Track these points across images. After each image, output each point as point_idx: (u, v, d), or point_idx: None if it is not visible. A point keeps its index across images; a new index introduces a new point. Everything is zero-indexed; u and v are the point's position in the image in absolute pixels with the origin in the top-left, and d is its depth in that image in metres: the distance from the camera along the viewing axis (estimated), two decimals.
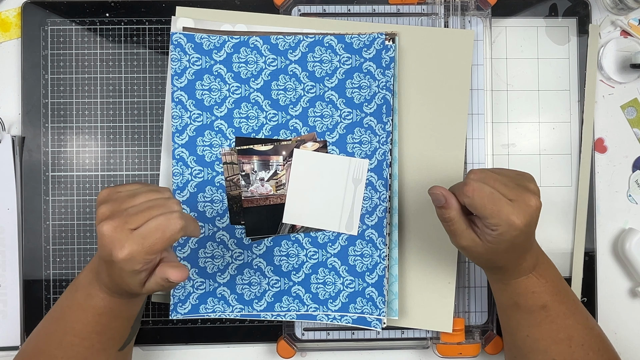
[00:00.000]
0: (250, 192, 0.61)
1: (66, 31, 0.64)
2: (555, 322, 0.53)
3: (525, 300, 0.54)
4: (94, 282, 0.51)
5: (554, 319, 0.53)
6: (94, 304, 0.51)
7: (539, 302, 0.53)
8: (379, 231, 0.60)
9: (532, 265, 0.53)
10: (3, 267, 0.62)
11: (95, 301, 0.50)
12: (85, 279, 0.52)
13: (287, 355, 0.62)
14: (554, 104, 0.66)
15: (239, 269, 0.61)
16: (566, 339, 0.53)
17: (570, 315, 0.54)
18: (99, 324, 0.51)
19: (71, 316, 0.51)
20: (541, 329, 0.53)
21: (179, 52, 0.61)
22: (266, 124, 0.61)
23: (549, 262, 0.55)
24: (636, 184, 0.66)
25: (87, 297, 0.51)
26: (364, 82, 0.61)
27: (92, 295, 0.51)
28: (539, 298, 0.53)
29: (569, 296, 0.55)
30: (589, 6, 0.66)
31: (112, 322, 0.52)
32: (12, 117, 0.64)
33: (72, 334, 0.51)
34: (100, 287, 0.50)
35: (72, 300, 0.52)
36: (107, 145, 0.64)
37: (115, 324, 0.52)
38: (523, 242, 0.50)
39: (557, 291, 0.54)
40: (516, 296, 0.54)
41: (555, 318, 0.53)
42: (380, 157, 0.61)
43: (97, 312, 0.51)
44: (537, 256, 0.54)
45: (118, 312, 0.52)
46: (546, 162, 0.65)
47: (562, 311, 0.53)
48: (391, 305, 0.61)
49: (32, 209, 0.63)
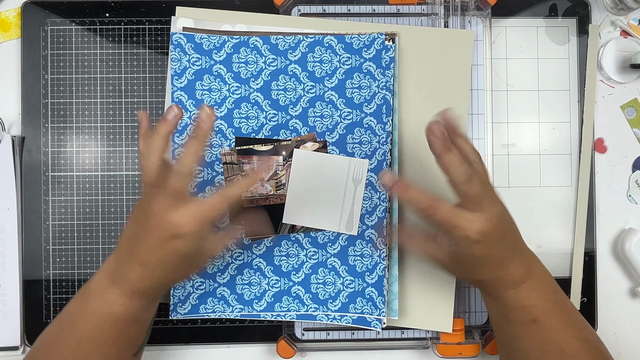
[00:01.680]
0: (250, 192, 0.61)
1: (66, 31, 0.64)
2: (547, 336, 0.51)
3: (515, 314, 0.52)
4: (110, 288, 0.50)
5: (545, 333, 0.51)
6: (110, 310, 0.49)
7: (529, 316, 0.51)
8: (379, 232, 0.60)
9: (519, 278, 0.51)
10: (3, 267, 0.62)
11: (113, 307, 0.49)
12: (99, 285, 0.50)
13: (287, 355, 0.62)
14: (554, 104, 0.66)
15: (239, 269, 0.61)
16: (558, 353, 0.51)
17: (563, 329, 0.51)
18: (116, 330, 0.50)
19: (86, 324, 0.50)
20: (532, 342, 0.52)
21: (179, 52, 0.61)
22: (266, 124, 0.61)
23: (544, 274, 0.53)
24: (636, 184, 0.66)
25: (103, 304, 0.49)
26: (363, 82, 0.61)
27: (108, 302, 0.49)
28: (530, 312, 0.51)
29: (563, 309, 0.53)
30: (588, 6, 0.66)
31: (129, 328, 0.51)
32: (12, 117, 0.64)
33: (87, 341, 0.50)
34: (119, 292, 0.49)
35: (85, 308, 0.50)
36: (107, 145, 0.64)
37: (132, 329, 0.51)
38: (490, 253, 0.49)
39: (550, 305, 0.52)
40: (505, 310, 0.52)
41: (547, 332, 0.51)
42: (380, 157, 0.61)
43: (114, 318, 0.50)
44: (528, 268, 0.52)
45: (136, 317, 0.51)
46: (546, 162, 0.65)
47: (554, 325, 0.51)
48: (391, 306, 0.61)
49: (32, 209, 0.63)
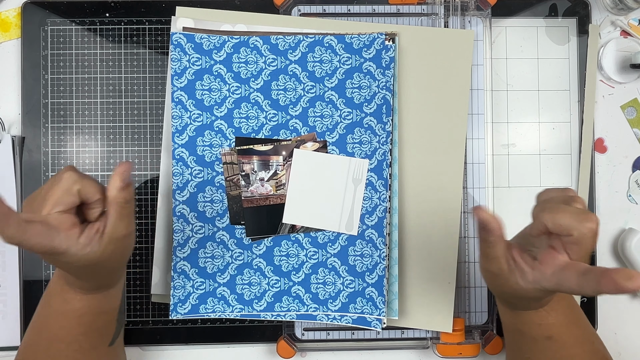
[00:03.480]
0: (250, 192, 0.61)
1: (66, 31, 0.64)
2: (559, 352, 0.51)
3: (529, 329, 0.51)
4: (65, 287, 0.50)
5: (558, 349, 0.51)
6: (72, 307, 0.50)
7: (544, 333, 0.51)
8: (379, 231, 0.60)
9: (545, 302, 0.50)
10: (3, 267, 0.62)
11: (73, 304, 0.50)
12: (56, 286, 0.51)
13: (287, 355, 0.62)
14: (554, 104, 0.66)
15: (239, 269, 0.61)
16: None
17: (576, 345, 0.51)
18: (83, 325, 0.51)
19: (52, 324, 0.51)
20: (544, 356, 0.51)
21: (179, 52, 0.61)
22: (266, 124, 0.61)
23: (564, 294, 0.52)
24: (636, 184, 0.66)
25: (64, 303, 0.50)
26: (363, 82, 0.61)
27: (68, 300, 0.50)
28: (545, 330, 0.51)
29: (579, 325, 0.52)
30: (588, 6, 0.66)
31: (96, 320, 0.51)
32: (12, 117, 0.64)
33: (57, 340, 0.51)
34: (74, 290, 0.50)
35: (50, 309, 0.51)
36: (107, 145, 0.64)
37: (98, 321, 0.52)
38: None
39: (566, 323, 0.51)
40: (521, 325, 0.52)
41: (560, 348, 0.51)
42: (380, 157, 0.61)
43: (77, 314, 0.50)
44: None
45: (99, 309, 0.51)
46: (546, 162, 0.65)
47: (569, 342, 0.51)
48: (391, 305, 0.61)
49: None
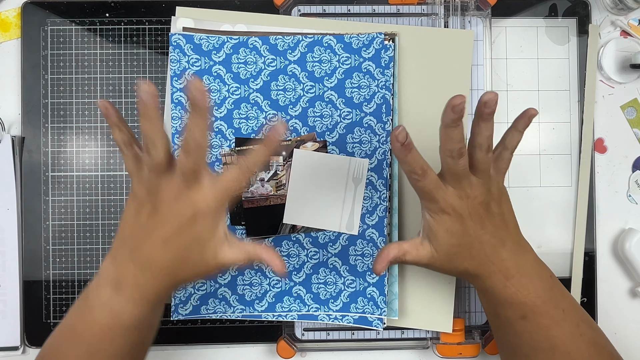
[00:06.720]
0: (251, 193, 0.61)
1: (66, 31, 0.64)
2: (537, 332, 0.50)
3: (504, 310, 0.51)
4: (115, 297, 0.47)
5: (535, 330, 0.50)
6: (120, 321, 0.47)
7: (518, 313, 0.51)
8: (380, 231, 0.60)
9: (506, 273, 0.50)
10: (3, 267, 0.62)
11: (122, 318, 0.47)
12: (101, 295, 0.47)
13: (287, 355, 0.62)
14: (553, 104, 0.66)
15: (239, 270, 0.61)
16: (549, 348, 0.50)
17: (554, 326, 0.50)
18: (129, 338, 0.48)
19: (94, 337, 0.47)
20: (522, 338, 0.51)
21: (178, 53, 0.61)
22: (266, 125, 0.61)
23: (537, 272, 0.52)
24: (636, 184, 0.66)
25: (111, 315, 0.47)
26: (363, 82, 0.61)
27: (116, 312, 0.47)
28: (518, 309, 0.51)
29: (557, 306, 0.51)
30: (588, 6, 0.66)
31: (142, 333, 0.49)
32: (12, 117, 0.64)
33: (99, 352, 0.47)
34: (126, 300, 0.46)
35: (91, 321, 0.47)
36: (107, 145, 0.64)
37: (145, 334, 0.50)
38: (465, 232, 0.50)
39: (541, 302, 0.50)
40: (495, 306, 0.52)
41: (536, 329, 0.50)
42: (381, 156, 0.61)
43: (125, 328, 0.47)
44: (516, 264, 0.51)
45: (147, 322, 0.49)
46: (546, 162, 0.65)
47: (545, 323, 0.50)
48: (391, 306, 0.61)
49: (32, 209, 0.63)
